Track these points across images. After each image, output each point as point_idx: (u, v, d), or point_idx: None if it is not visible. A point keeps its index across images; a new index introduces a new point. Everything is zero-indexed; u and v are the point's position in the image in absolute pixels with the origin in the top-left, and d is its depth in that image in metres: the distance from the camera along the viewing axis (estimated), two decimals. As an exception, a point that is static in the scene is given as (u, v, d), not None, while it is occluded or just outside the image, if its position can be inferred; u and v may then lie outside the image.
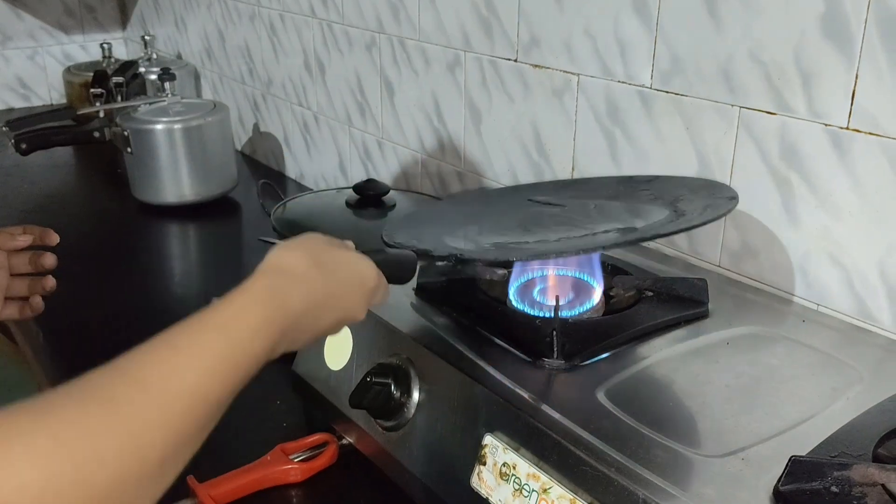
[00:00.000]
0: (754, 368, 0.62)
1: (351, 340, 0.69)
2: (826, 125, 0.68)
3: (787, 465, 0.47)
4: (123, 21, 2.11)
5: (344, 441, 0.72)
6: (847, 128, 0.66)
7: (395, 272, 0.59)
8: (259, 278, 0.46)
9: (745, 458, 0.51)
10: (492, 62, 0.99)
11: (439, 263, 0.67)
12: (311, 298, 0.47)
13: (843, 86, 0.66)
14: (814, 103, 0.68)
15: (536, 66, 0.93)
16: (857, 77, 0.65)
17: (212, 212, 1.34)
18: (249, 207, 1.38)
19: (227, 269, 1.17)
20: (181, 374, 0.38)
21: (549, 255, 0.66)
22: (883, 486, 0.46)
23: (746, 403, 0.57)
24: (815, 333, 0.67)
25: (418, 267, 0.69)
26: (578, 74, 0.88)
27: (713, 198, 0.69)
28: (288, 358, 0.79)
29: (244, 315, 0.43)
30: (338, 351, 0.71)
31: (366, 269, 0.53)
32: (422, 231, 0.73)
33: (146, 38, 1.73)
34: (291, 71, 1.42)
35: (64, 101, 2.01)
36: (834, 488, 0.46)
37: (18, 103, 2.03)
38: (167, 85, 1.34)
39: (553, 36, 0.90)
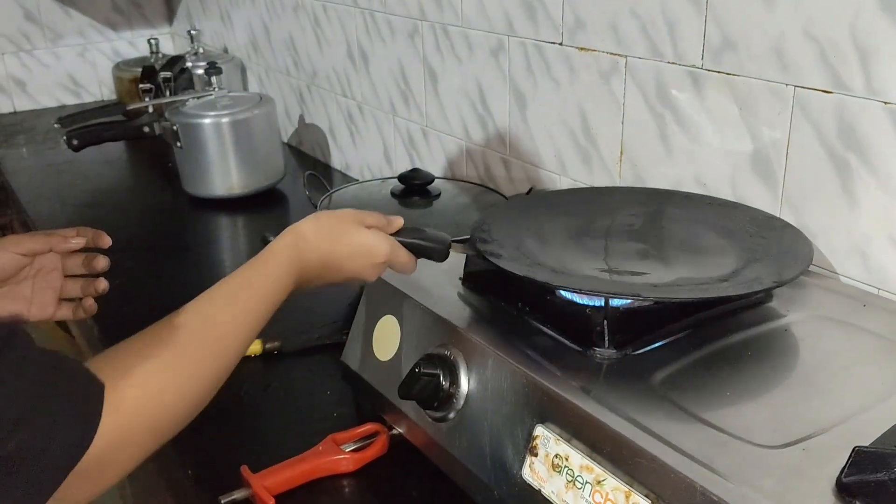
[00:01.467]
0: (814, 355, 0.61)
1: (399, 331, 0.69)
2: (886, 103, 0.65)
3: (850, 455, 0.46)
4: (170, 16, 2.13)
5: (394, 431, 0.72)
6: (909, 105, 0.64)
7: (425, 253, 0.66)
8: (284, 237, 0.61)
9: (805, 448, 0.49)
10: (536, 46, 0.98)
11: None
12: (320, 260, 0.62)
13: (905, 61, 0.63)
14: (872, 80, 0.66)
15: (582, 48, 0.92)
16: (920, 52, 0.62)
17: (260, 204, 1.36)
18: (296, 199, 1.39)
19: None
20: (251, 300, 0.58)
21: (648, 298, 0.62)
22: (951, 477, 0.45)
23: (806, 392, 0.56)
24: (876, 318, 0.65)
25: (465, 257, 0.69)
26: (626, 56, 0.86)
27: (788, 252, 0.66)
28: (337, 348, 0.79)
29: (275, 265, 0.60)
30: (386, 342, 0.71)
31: (375, 246, 0.63)
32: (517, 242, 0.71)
33: (192, 32, 1.75)
34: (335, 62, 1.42)
35: (114, 97, 2.05)
36: (892, 479, 0.45)
37: (70, 100, 2.07)
38: (214, 79, 1.35)
39: (599, 17, 0.88)
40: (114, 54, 2.08)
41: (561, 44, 0.94)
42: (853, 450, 0.46)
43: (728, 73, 0.76)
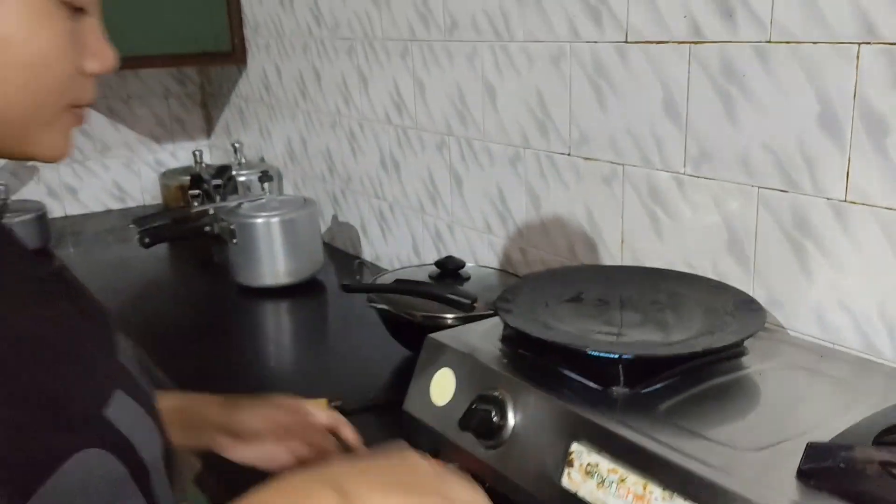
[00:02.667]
0: (781, 391, 0.78)
1: (454, 380, 0.87)
2: (828, 199, 0.85)
3: (805, 449, 0.63)
4: (209, 131, 2.38)
5: (450, 466, 0.88)
6: (845, 200, 0.84)
7: (456, 305, 0.81)
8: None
9: (775, 450, 0.66)
10: (548, 156, 1.19)
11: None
12: None
13: (839, 167, 0.84)
14: (817, 181, 0.86)
15: (587, 158, 1.13)
16: (849, 161, 0.83)
17: (302, 291, 1.54)
18: (332, 286, 1.57)
19: (319, 339, 1.36)
20: None
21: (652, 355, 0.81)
22: (879, 462, 0.62)
23: (775, 415, 0.73)
24: (830, 365, 0.83)
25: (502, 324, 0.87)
26: (623, 164, 1.07)
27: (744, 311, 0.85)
28: (387, 407, 0.95)
29: None
30: (442, 389, 0.88)
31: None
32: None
33: (236, 145, 1.98)
34: (369, 169, 1.64)
35: (155, 202, 2.26)
36: (842, 465, 0.62)
37: (115, 205, 2.28)
38: (266, 185, 1.56)
39: (600, 134, 1.10)
40: (157, 164, 2.30)
41: (569, 154, 1.16)
42: (807, 445, 0.63)
43: (705, 178, 0.97)
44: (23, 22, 0.51)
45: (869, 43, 0.79)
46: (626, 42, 1.03)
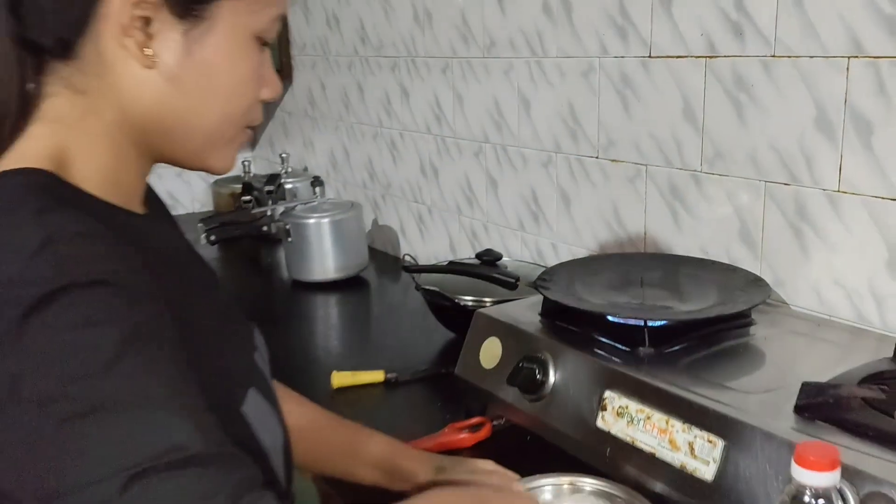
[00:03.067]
0: (783, 351, 0.92)
1: (501, 347, 1.01)
2: (823, 189, 0.99)
3: (801, 388, 0.76)
4: (253, 143, 2.54)
5: (494, 422, 1.02)
6: (838, 191, 0.98)
7: (502, 283, 0.94)
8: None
9: (776, 393, 0.80)
10: (578, 160, 1.34)
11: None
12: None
13: (833, 162, 0.98)
14: (814, 175, 1.00)
15: (613, 160, 1.27)
16: (840, 158, 0.97)
17: (349, 286, 1.69)
18: (375, 282, 1.72)
19: (369, 324, 1.50)
20: None
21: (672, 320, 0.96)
22: (861, 397, 0.75)
23: (778, 368, 0.87)
24: (826, 332, 0.96)
25: (542, 298, 1.01)
26: (646, 165, 1.22)
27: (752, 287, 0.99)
28: (436, 378, 1.09)
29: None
30: (490, 355, 1.02)
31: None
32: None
33: (283, 156, 2.14)
34: (409, 175, 1.79)
35: (203, 210, 2.42)
36: (831, 400, 0.75)
37: (166, 212, 2.44)
38: (317, 189, 1.72)
39: (625, 138, 1.24)
40: (205, 174, 2.46)
41: (597, 157, 1.30)
42: (802, 384, 0.77)
43: (719, 175, 1.11)
44: (228, 53, 0.60)
45: (857, 57, 0.93)
46: (650, 57, 1.18)
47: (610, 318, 0.95)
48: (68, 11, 0.57)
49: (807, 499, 0.57)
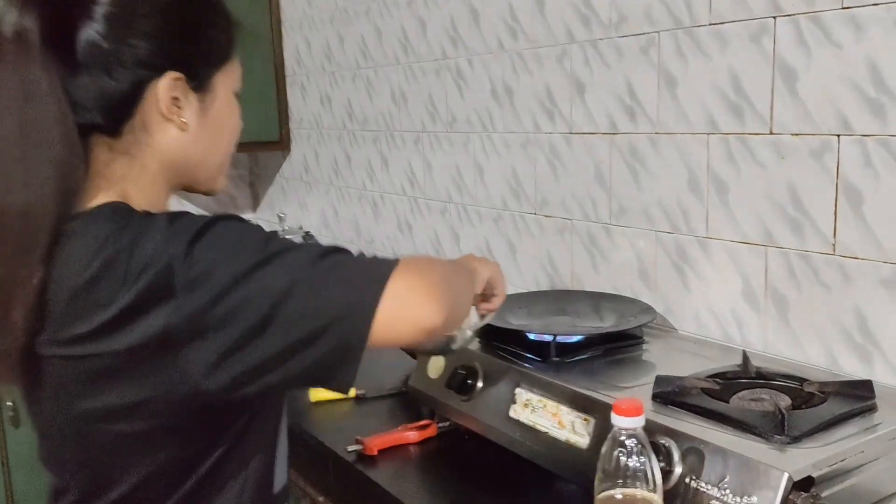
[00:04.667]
0: (666, 363, 1.18)
1: (443, 360, 1.26)
2: (696, 236, 1.26)
3: (655, 379, 1.02)
4: (254, 205, 2.84)
5: (440, 424, 1.27)
6: (707, 237, 1.25)
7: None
8: (468, 261, 1.03)
9: (645, 387, 1.05)
10: (520, 215, 1.61)
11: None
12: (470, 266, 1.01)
13: (702, 215, 1.25)
14: (689, 224, 1.27)
15: (547, 216, 1.55)
16: (707, 211, 1.24)
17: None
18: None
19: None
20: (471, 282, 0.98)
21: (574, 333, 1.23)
22: (700, 387, 1.00)
23: (654, 371, 1.13)
24: (701, 349, 1.22)
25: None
26: (571, 219, 1.49)
27: (644, 313, 1.26)
28: (397, 395, 1.35)
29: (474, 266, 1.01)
30: (436, 368, 1.27)
31: (485, 271, 1.03)
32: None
33: (280, 215, 2.42)
34: (388, 231, 2.07)
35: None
36: (676, 389, 1.00)
37: (176, 266, 2.72)
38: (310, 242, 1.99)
39: (555, 197, 1.52)
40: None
41: (535, 213, 1.58)
42: (656, 377, 1.02)
43: (623, 226, 1.38)
44: (226, 107, 0.86)
45: (714, 133, 1.22)
46: (571, 133, 1.47)
47: (527, 334, 1.21)
48: (120, 105, 0.81)
49: (622, 437, 0.82)
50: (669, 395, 1.00)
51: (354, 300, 0.73)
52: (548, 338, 1.19)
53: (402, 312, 0.74)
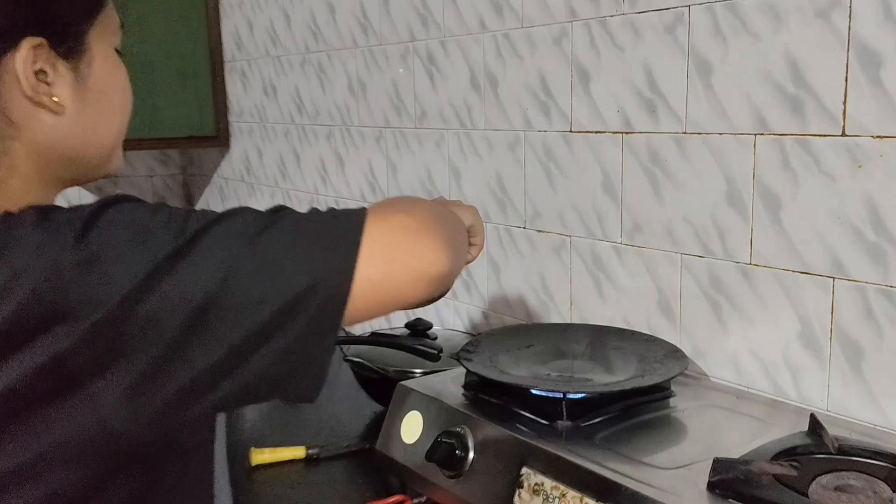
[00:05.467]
0: (702, 425, 0.92)
1: (421, 421, 0.99)
2: (737, 262, 1.01)
3: (712, 464, 0.76)
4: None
5: (415, 500, 0.99)
6: (750, 263, 1.00)
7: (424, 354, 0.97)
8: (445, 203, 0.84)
9: (690, 468, 0.79)
10: (507, 230, 1.35)
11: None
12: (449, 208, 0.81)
13: (745, 236, 1.00)
14: (728, 248, 1.02)
15: (540, 231, 1.28)
16: (752, 232, 0.99)
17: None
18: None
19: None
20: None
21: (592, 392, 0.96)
22: (773, 474, 0.75)
23: (698, 443, 0.87)
24: (744, 405, 0.97)
25: (465, 372, 1.00)
26: (570, 236, 1.23)
27: (671, 358, 1.00)
28: (359, 454, 1.07)
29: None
30: (411, 429, 1.00)
31: (465, 215, 0.84)
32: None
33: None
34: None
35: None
36: (742, 477, 0.75)
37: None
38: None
39: (550, 209, 1.26)
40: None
41: (524, 227, 1.31)
42: (714, 460, 0.77)
43: (638, 246, 1.13)
44: (110, 70, 0.68)
45: (764, 134, 0.97)
46: (571, 131, 1.20)
47: (530, 390, 0.94)
48: None
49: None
50: (733, 485, 0.75)
51: (321, 265, 0.58)
52: (556, 394, 0.93)
53: (396, 261, 0.60)
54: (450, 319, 1.50)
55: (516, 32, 1.27)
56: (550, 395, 0.93)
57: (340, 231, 0.60)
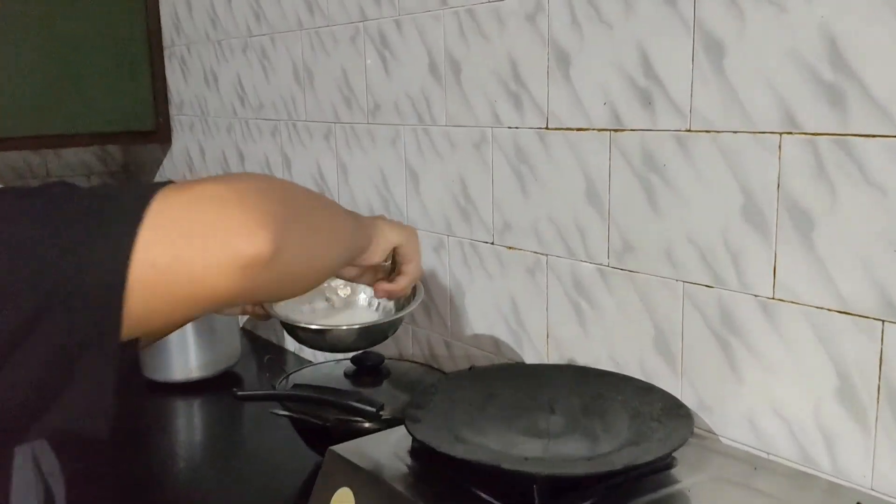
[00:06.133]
0: (712, 512, 0.71)
1: (353, 502, 0.77)
2: (755, 296, 0.80)
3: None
4: (132, 209, 2.28)
5: None
6: (773, 298, 0.79)
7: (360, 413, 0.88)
8: (364, 218, 0.75)
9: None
10: (472, 245, 1.13)
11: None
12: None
13: (766, 262, 0.79)
14: (743, 277, 0.81)
15: (510, 247, 1.07)
16: (775, 257, 0.78)
17: (216, 386, 1.43)
18: (251, 380, 1.47)
19: (232, 441, 1.24)
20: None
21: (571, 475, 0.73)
22: None
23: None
24: (766, 480, 0.76)
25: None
26: (547, 255, 1.02)
27: (671, 416, 0.79)
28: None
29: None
30: (342, 511, 0.78)
31: (390, 233, 0.76)
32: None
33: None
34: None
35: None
36: None
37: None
38: (178, 271, 1.47)
39: (523, 221, 1.04)
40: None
41: (492, 243, 1.10)
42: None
43: (630, 271, 0.91)
44: None
45: (790, 133, 0.75)
46: (547, 129, 0.99)
47: (500, 465, 0.72)
48: None
49: None
50: None
51: (87, 248, 0.46)
52: (527, 472, 0.71)
53: (192, 238, 0.48)
54: (408, 348, 1.29)
55: (482, 8, 1.05)
56: (519, 472, 0.72)
57: (120, 205, 0.48)
